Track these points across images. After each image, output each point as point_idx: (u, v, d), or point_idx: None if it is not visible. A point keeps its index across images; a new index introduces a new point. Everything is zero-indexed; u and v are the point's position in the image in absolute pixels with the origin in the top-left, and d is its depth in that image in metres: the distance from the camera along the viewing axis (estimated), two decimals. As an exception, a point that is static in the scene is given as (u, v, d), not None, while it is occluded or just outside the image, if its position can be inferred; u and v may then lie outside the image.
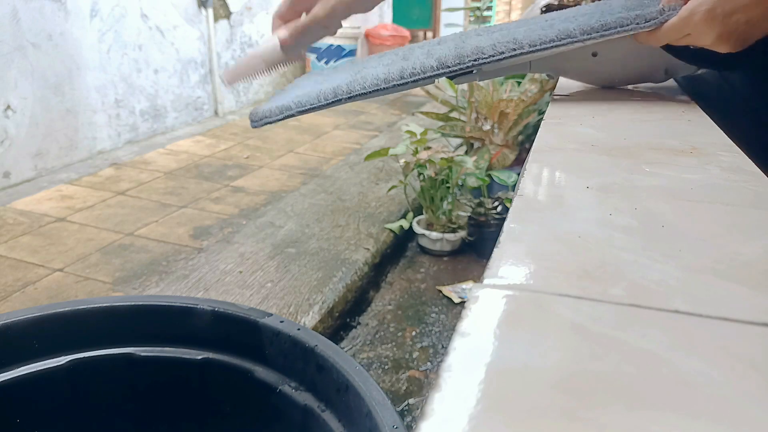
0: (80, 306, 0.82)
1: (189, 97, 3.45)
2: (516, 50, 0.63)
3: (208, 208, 2.32)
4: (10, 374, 0.78)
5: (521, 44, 0.63)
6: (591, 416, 0.20)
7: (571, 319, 0.25)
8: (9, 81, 2.36)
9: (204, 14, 3.48)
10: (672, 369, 0.22)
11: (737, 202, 0.39)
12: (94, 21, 2.75)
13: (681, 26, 0.60)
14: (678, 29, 0.60)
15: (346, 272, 1.88)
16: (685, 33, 0.60)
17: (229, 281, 1.76)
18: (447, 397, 0.20)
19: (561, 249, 0.32)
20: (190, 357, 0.84)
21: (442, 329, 1.80)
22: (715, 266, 0.30)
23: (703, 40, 0.59)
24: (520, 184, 0.42)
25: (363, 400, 0.67)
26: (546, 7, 1.27)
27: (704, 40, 0.59)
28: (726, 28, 0.56)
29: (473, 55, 0.63)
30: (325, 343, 0.77)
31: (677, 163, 0.46)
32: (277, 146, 3.19)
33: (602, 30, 0.62)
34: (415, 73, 0.64)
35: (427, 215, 2.27)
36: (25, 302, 1.61)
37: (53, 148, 2.60)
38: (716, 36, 0.57)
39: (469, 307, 0.26)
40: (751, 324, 0.25)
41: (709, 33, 0.57)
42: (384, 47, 5.63)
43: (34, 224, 2.09)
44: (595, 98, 0.70)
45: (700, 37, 0.59)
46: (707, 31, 0.57)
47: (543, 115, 0.62)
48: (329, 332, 1.69)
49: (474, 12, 2.73)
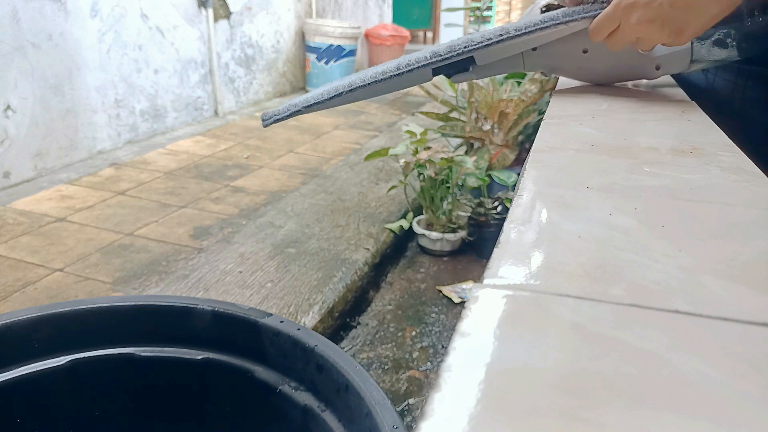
0: (80, 306, 0.82)
1: (189, 97, 3.45)
2: (503, 36, 0.66)
3: (208, 208, 2.32)
4: (10, 374, 0.78)
5: (507, 30, 0.67)
6: (591, 416, 0.20)
7: (571, 319, 0.25)
8: (9, 81, 2.36)
9: (204, 14, 3.48)
10: (672, 369, 0.22)
11: (737, 202, 0.39)
12: (94, 21, 2.75)
13: (610, 17, 0.60)
14: (608, 19, 0.60)
15: (346, 272, 1.88)
16: (615, 24, 0.60)
17: (229, 281, 1.76)
18: (447, 397, 0.20)
19: (561, 249, 0.32)
20: (190, 357, 0.84)
21: (442, 329, 1.80)
22: (715, 266, 0.30)
23: (634, 31, 0.59)
24: (520, 184, 0.42)
25: (363, 400, 0.67)
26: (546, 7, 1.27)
27: (636, 31, 0.59)
28: (650, 14, 0.56)
29: (463, 44, 0.67)
30: (325, 343, 0.77)
31: (677, 163, 0.46)
32: (277, 146, 3.19)
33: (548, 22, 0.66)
34: (410, 64, 0.68)
35: (427, 215, 2.27)
36: (25, 302, 1.61)
37: (53, 148, 2.60)
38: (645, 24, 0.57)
39: (469, 307, 0.26)
40: (751, 324, 0.25)
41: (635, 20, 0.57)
42: (384, 47, 5.64)
43: (34, 224, 2.09)
44: (595, 98, 0.70)
45: (629, 27, 0.59)
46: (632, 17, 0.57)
47: (543, 115, 0.62)
48: (329, 332, 1.69)
49: (474, 12, 2.73)
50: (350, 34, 4.54)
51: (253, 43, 4.01)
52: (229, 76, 3.81)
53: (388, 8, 6.24)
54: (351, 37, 4.56)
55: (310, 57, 4.56)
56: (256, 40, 4.04)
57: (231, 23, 3.76)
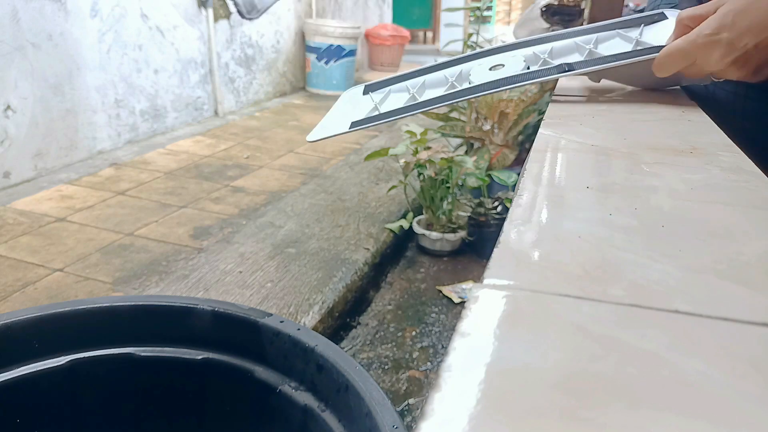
0: (80, 306, 0.82)
1: (189, 97, 3.45)
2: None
3: (208, 208, 2.32)
4: (10, 374, 0.78)
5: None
6: (591, 416, 0.20)
7: (571, 319, 0.25)
8: (9, 81, 2.36)
9: (204, 14, 3.48)
10: (672, 369, 0.22)
11: (737, 202, 0.39)
12: (94, 21, 2.75)
13: (684, 53, 0.57)
14: (682, 56, 0.57)
15: (346, 272, 1.88)
16: (690, 61, 0.57)
17: (229, 281, 1.76)
18: (447, 397, 0.20)
19: (561, 249, 0.32)
20: (190, 357, 0.84)
21: (442, 329, 1.80)
22: (715, 266, 0.30)
23: (711, 66, 0.56)
24: (520, 184, 0.42)
25: (363, 400, 0.67)
26: (546, 7, 1.27)
27: (713, 66, 0.56)
28: (733, 55, 0.53)
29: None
30: (325, 343, 0.77)
31: (677, 163, 0.46)
32: (277, 146, 3.19)
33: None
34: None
35: (427, 215, 2.27)
36: (25, 302, 1.61)
37: (53, 148, 2.60)
38: (725, 63, 0.54)
39: (469, 307, 0.26)
40: (751, 324, 0.25)
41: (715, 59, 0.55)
42: (384, 47, 5.64)
43: (34, 224, 2.09)
44: (595, 98, 0.70)
45: (708, 63, 0.56)
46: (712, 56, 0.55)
47: (543, 115, 0.62)
48: (329, 332, 1.69)
49: (474, 12, 2.73)
50: (350, 34, 4.55)
51: (253, 43, 4.01)
52: (229, 76, 3.81)
53: (388, 8, 6.24)
54: (351, 37, 4.57)
55: (310, 57, 4.57)
56: (256, 40, 4.04)
57: (231, 23, 3.76)
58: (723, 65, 0.55)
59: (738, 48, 0.53)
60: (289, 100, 4.35)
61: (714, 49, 0.54)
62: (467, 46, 2.76)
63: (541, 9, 2.25)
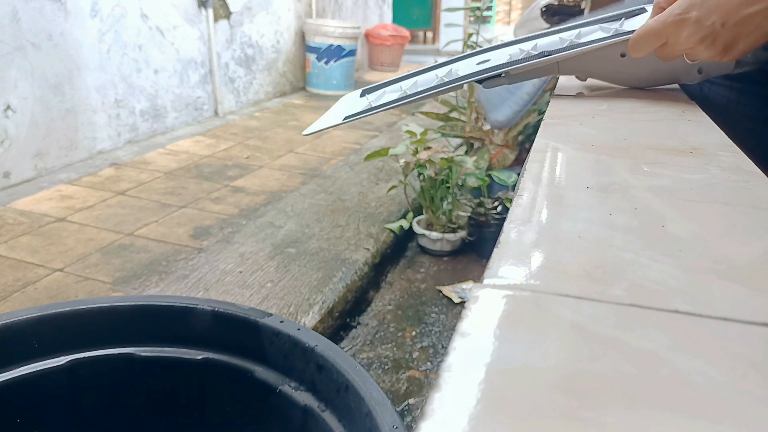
0: (80, 306, 0.82)
1: (189, 97, 3.45)
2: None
3: (208, 208, 2.32)
4: (10, 374, 0.78)
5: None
6: (591, 416, 0.20)
7: (571, 319, 0.25)
8: (9, 81, 2.36)
9: (204, 14, 3.48)
10: (672, 369, 0.22)
11: (737, 202, 0.39)
12: (94, 21, 2.75)
13: (656, 33, 0.58)
14: (654, 35, 0.59)
15: (346, 272, 1.88)
16: (661, 41, 0.58)
17: (229, 281, 1.76)
18: (447, 397, 0.20)
19: (561, 249, 0.32)
20: (190, 357, 0.84)
21: (442, 329, 1.80)
22: (715, 266, 0.30)
23: (681, 44, 0.57)
24: (520, 184, 0.42)
25: (363, 400, 0.67)
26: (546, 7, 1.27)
27: (683, 45, 0.57)
28: (701, 32, 0.54)
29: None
30: (325, 343, 0.77)
31: (677, 163, 0.46)
32: (277, 146, 3.19)
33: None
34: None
35: (427, 215, 2.27)
36: (25, 302, 1.61)
37: (53, 148, 2.60)
38: (693, 41, 0.55)
39: (469, 307, 0.26)
40: (751, 324, 0.25)
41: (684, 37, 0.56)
42: (384, 47, 5.64)
43: (34, 224, 2.09)
44: (595, 98, 0.70)
45: (678, 41, 0.57)
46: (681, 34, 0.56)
47: (543, 115, 0.62)
48: (329, 332, 1.69)
49: (474, 12, 2.73)
50: (350, 34, 4.54)
51: (253, 43, 4.01)
52: (229, 76, 3.81)
53: (388, 8, 6.24)
54: (351, 37, 4.56)
55: (310, 57, 4.57)
56: (256, 40, 4.04)
57: (231, 23, 3.76)
58: (692, 43, 0.56)
59: (705, 26, 0.54)
60: (289, 100, 4.35)
61: (683, 27, 0.56)
62: (467, 46, 2.75)
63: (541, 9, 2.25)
